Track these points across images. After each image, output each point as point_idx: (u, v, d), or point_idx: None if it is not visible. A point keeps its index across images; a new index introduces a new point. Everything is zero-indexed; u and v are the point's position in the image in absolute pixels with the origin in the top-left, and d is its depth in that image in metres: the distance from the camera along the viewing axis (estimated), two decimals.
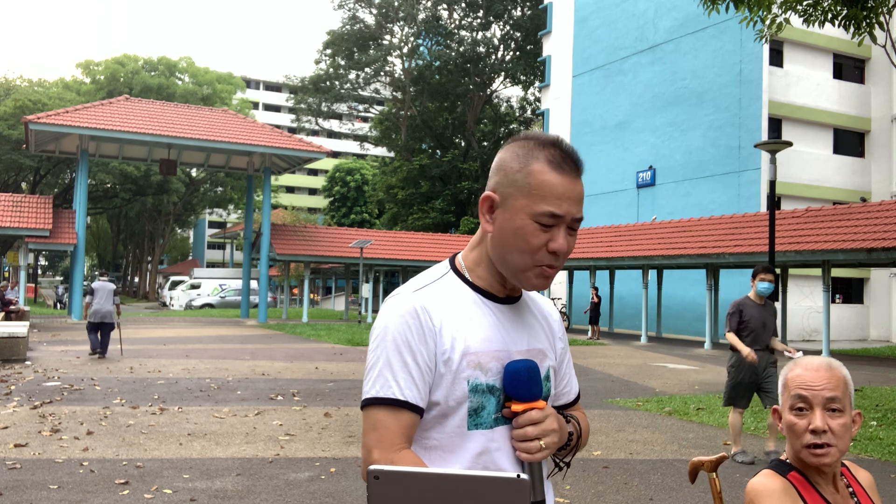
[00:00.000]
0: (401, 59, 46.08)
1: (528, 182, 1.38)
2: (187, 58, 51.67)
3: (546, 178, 1.37)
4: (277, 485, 5.74)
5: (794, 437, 1.71)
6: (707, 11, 10.85)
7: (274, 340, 20.01)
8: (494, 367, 1.40)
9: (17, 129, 35.90)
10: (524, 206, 1.38)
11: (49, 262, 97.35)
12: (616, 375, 13.73)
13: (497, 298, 1.48)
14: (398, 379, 1.35)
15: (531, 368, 1.38)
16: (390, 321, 1.39)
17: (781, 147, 13.84)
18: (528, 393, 1.38)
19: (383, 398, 1.35)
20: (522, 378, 1.37)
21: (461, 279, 1.48)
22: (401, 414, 1.34)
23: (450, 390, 1.38)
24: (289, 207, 58.53)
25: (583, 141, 33.68)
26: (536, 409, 1.37)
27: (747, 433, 8.32)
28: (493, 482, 0.89)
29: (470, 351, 1.39)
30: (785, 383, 1.77)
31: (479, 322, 1.43)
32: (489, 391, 1.40)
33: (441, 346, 1.39)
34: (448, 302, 1.43)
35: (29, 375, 11.68)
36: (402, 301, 1.41)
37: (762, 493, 1.69)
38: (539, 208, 1.37)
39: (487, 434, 1.39)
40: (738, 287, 25.60)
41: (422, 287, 1.45)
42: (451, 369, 1.38)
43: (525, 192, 1.38)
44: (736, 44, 26.41)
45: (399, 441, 1.33)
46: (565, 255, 1.41)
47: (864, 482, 1.82)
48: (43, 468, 6.02)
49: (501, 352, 1.42)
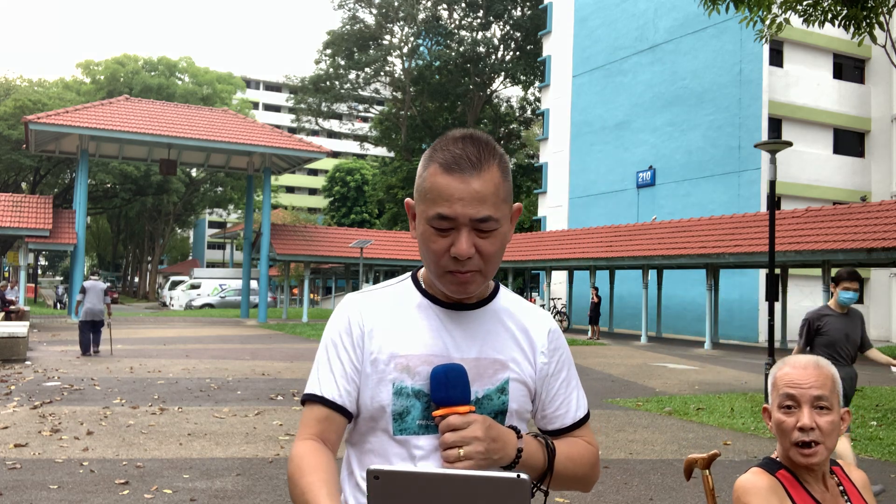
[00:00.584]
0: (401, 59, 46.09)
1: (424, 187, 1.34)
2: (187, 58, 51.65)
3: (436, 180, 1.31)
4: (277, 485, 5.74)
5: (783, 436, 1.73)
6: (707, 11, 10.85)
7: (274, 340, 20.01)
8: (423, 372, 1.35)
9: (17, 129, 35.90)
10: (422, 211, 1.35)
11: (49, 262, 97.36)
12: (616, 375, 13.73)
13: (444, 304, 1.42)
14: (321, 377, 1.39)
15: (453, 371, 1.33)
16: (331, 321, 1.45)
17: (781, 147, 13.82)
18: (447, 396, 1.31)
19: (307, 394, 1.40)
20: (441, 380, 1.32)
21: (415, 285, 1.46)
22: (317, 409, 1.37)
23: (374, 392, 1.36)
24: (289, 207, 58.53)
25: (583, 141, 33.68)
26: (457, 413, 1.29)
27: (747, 433, 8.33)
28: (492, 482, 0.89)
29: (399, 354, 1.37)
30: (773, 382, 1.78)
31: (416, 326, 1.40)
32: (415, 395, 1.35)
33: (368, 348, 1.39)
34: (389, 306, 1.43)
35: (29, 375, 11.68)
36: (341, 304, 1.46)
37: (749, 491, 1.70)
38: (431, 212, 1.32)
39: (413, 440, 1.35)
40: (738, 287, 25.61)
41: (370, 290, 1.47)
42: (376, 370, 1.37)
43: (422, 196, 1.35)
44: (736, 44, 26.41)
45: (308, 432, 1.36)
46: (482, 259, 1.33)
47: (857, 482, 1.83)
48: (43, 468, 6.02)
49: (438, 357, 1.37)
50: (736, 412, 9.63)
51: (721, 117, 26.97)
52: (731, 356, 18.79)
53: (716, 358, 18.13)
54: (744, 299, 25.48)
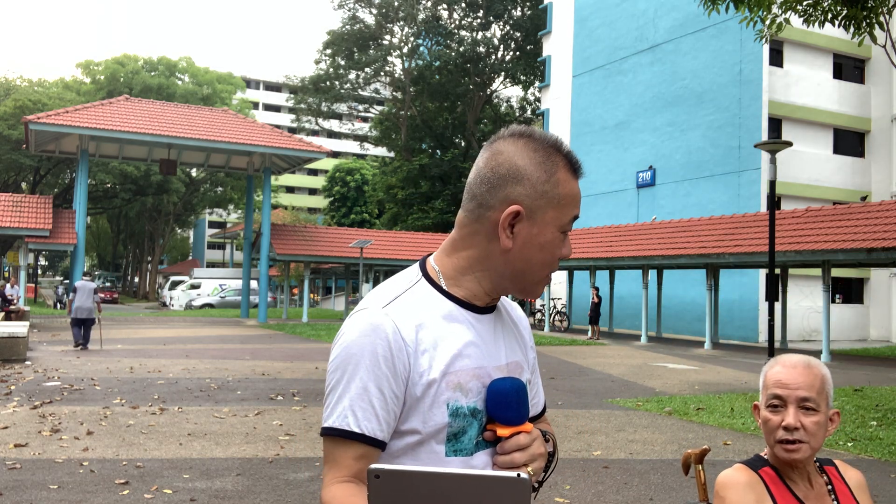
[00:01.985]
0: (401, 59, 46.09)
1: (558, 193, 1.30)
2: (187, 58, 51.65)
3: (571, 186, 1.32)
4: (277, 485, 5.74)
5: (768, 433, 1.77)
6: (707, 12, 10.85)
7: (274, 340, 20.01)
8: (475, 388, 1.27)
9: (17, 129, 35.90)
10: (554, 218, 1.30)
11: (49, 262, 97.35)
12: (616, 375, 13.73)
13: (476, 308, 1.34)
14: (354, 408, 1.22)
15: (520, 389, 1.28)
16: (355, 342, 1.25)
17: (781, 147, 13.84)
18: (517, 416, 1.27)
19: (339, 429, 1.23)
20: (511, 400, 1.26)
21: (435, 288, 1.33)
22: (354, 447, 1.23)
23: (427, 415, 1.24)
24: (289, 207, 58.52)
25: (583, 141, 33.68)
26: (524, 433, 1.27)
27: (747, 433, 8.33)
28: (493, 482, 0.89)
29: (449, 370, 1.26)
30: (764, 381, 1.82)
31: (456, 337, 1.29)
32: (471, 414, 1.27)
33: (417, 368, 1.24)
34: (421, 316, 1.28)
35: (29, 375, 11.68)
36: (370, 318, 1.26)
37: (726, 486, 1.75)
38: (566, 217, 1.31)
39: (466, 461, 1.27)
40: (738, 287, 25.60)
41: (391, 301, 1.29)
42: (430, 392, 1.24)
43: (555, 203, 1.30)
44: (736, 44, 26.40)
45: (343, 474, 1.23)
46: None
47: (852, 482, 1.85)
48: (43, 468, 6.02)
49: (480, 369, 1.29)
50: (736, 412, 9.63)
51: (721, 117, 26.97)
52: (730, 356, 18.79)
53: (716, 358, 18.12)
54: (744, 299, 25.47)
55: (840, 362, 17.48)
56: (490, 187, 1.30)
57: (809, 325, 26.25)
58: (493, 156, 1.32)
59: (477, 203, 1.32)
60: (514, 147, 1.31)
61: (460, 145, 47.62)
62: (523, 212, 1.29)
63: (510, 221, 1.29)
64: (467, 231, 1.34)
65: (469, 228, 1.33)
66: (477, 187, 1.32)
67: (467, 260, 1.34)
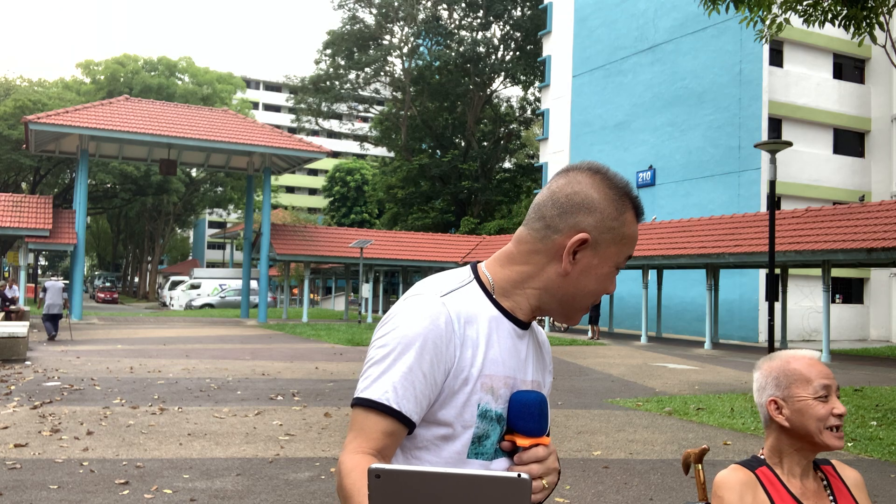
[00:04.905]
0: (401, 59, 46.09)
1: (623, 232, 1.36)
2: (187, 58, 51.63)
3: (634, 228, 1.38)
4: (277, 485, 5.74)
5: (817, 422, 1.78)
6: (707, 12, 10.86)
7: (274, 340, 20.01)
8: (504, 395, 1.32)
9: (17, 129, 35.90)
10: (614, 253, 1.36)
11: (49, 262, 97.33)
12: (616, 375, 13.73)
13: (519, 322, 1.38)
14: (396, 384, 1.24)
15: (543, 402, 1.31)
16: (411, 321, 1.27)
17: (781, 147, 13.85)
18: (538, 427, 1.30)
19: (375, 401, 1.24)
20: (534, 411, 1.30)
21: (485, 293, 1.37)
22: (386, 421, 1.24)
23: (460, 411, 1.28)
24: (289, 207, 58.54)
25: (583, 141, 33.68)
26: (542, 445, 1.29)
27: (747, 433, 8.33)
28: (494, 482, 0.89)
29: (485, 372, 1.30)
30: (799, 375, 1.82)
31: (497, 343, 1.33)
32: (496, 420, 1.31)
33: (462, 361, 1.28)
34: (472, 313, 1.33)
35: (29, 375, 11.68)
36: (429, 303, 1.29)
37: (723, 486, 1.78)
38: (623, 255, 1.37)
39: (485, 465, 1.30)
40: (738, 287, 25.61)
41: (448, 292, 1.33)
42: (465, 388, 1.28)
43: (618, 240, 1.35)
44: (736, 44, 26.41)
45: (368, 445, 1.23)
46: None
47: (849, 480, 1.87)
48: (43, 468, 6.02)
49: (511, 379, 1.34)
50: (736, 412, 9.63)
51: (721, 117, 26.97)
52: (731, 356, 18.79)
53: (716, 358, 18.13)
54: (744, 299, 25.48)
55: (840, 362, 17.49)
56: (562, 212, 1.34)
57: (809, 325, 26.26)
58: (570, 183, 1.37)
59: (545, 224, 1.36)
60: (591, 180, 1.36)
61: (460, 145, 47.61)
62: (590, 241, 1.33)
63: (575, 248, 1.33)
64: (528, 248, 1.37)
65: (530, 246, 1.37)
66: (549, 209, 1.36)
67: (521, 275, 1.38)
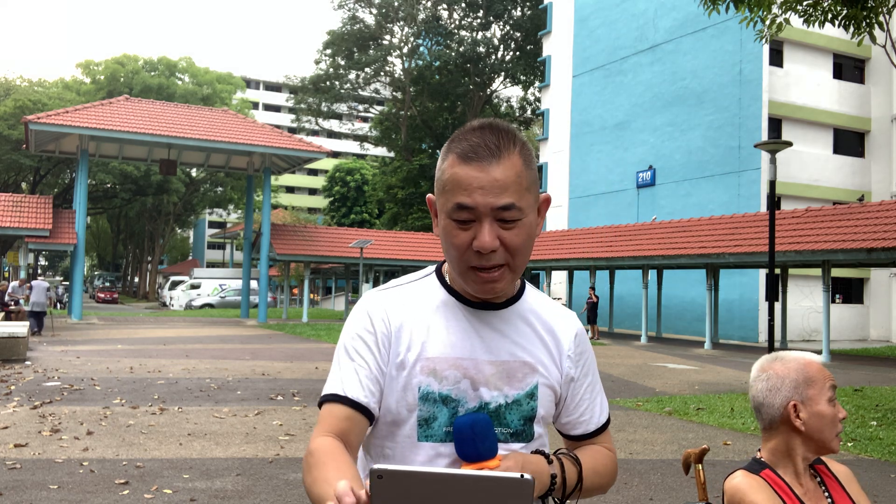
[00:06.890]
0: (401, 59, 46.10)
1: (443, 179, 1.28)
2: (187, 58, 51.63)
3: (455, 170, 1.25)
4: (277, 485, 5.74)
5: (830, 426, 1.76)
6: (707, 12, 10.84)
7: (274, 340, 20.01)
8: (452, 376, 1.31)
9: (17, 129, 35.90)
10: (442, 204, 1.29)
11: (49, 262, 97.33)
12: (616, 375, 13.73)
13: (471, 303, 1.36)
14: (343, 377, 1.31)
15: (477, 424, 1.26)
16: (349, 321, 1.37)
17: (781, 147, 13.85)
18: (475, 452, 1.25)
19: (328, 394, 1.31)
20: (466, 436, 1.25)
21: (440, 282, 1.39)
22: (339, 408, 1.28)
23: (401, 396, 1.31)
24: (289, 207, 58.53)
25: (583, 141, 33.68)
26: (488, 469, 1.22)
27: (747, 433, 8.33)
28: (496, 482, 0.89)
29: (425, 356, 1.31)
30: (816, 378, 1.78)
31: (444, 327, 1.34)
32: (442, 401, 1.30)
33: (395, 349, 1.32)
34: (415, 304, 1.35)
35: (29, 375, 11.68)
36: (363, 301, 1.38)
37: (747, 491, 1.74)
38: (450, 203, 1.26)
39: (437, 447, 1.31)
40: (738, 287, 25.61)
41: (392, 287, 1.39)
42: (402, 374, 1.31)
43: (441, 188, 1.29)
44: (736, 44, 26.41)
45: (327, 429, 1.26)
46: (508, 253, 1.27)
47: (840, 475, 1.88)
48: (43, 468, 6.02)
49: (466, 360, 1.32)
50: (736, 412, 9.63)
51: (721, 117, 26.97)
52: (730, 356, 18.79)
53: (716, 358, 18.13)
54: (744, 299, 25.48)
55: (840, 362, 17.48)
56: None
57: (809, 325, 26.26)
58: None
59: None
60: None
61: None
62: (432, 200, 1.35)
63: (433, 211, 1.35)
64: None
65: None
66: None
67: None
